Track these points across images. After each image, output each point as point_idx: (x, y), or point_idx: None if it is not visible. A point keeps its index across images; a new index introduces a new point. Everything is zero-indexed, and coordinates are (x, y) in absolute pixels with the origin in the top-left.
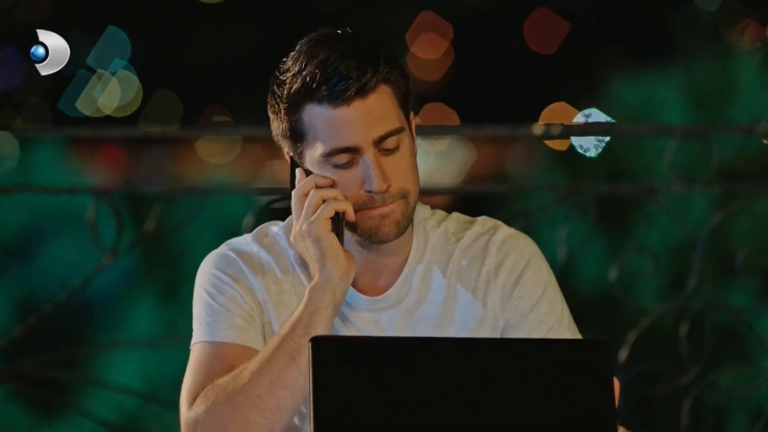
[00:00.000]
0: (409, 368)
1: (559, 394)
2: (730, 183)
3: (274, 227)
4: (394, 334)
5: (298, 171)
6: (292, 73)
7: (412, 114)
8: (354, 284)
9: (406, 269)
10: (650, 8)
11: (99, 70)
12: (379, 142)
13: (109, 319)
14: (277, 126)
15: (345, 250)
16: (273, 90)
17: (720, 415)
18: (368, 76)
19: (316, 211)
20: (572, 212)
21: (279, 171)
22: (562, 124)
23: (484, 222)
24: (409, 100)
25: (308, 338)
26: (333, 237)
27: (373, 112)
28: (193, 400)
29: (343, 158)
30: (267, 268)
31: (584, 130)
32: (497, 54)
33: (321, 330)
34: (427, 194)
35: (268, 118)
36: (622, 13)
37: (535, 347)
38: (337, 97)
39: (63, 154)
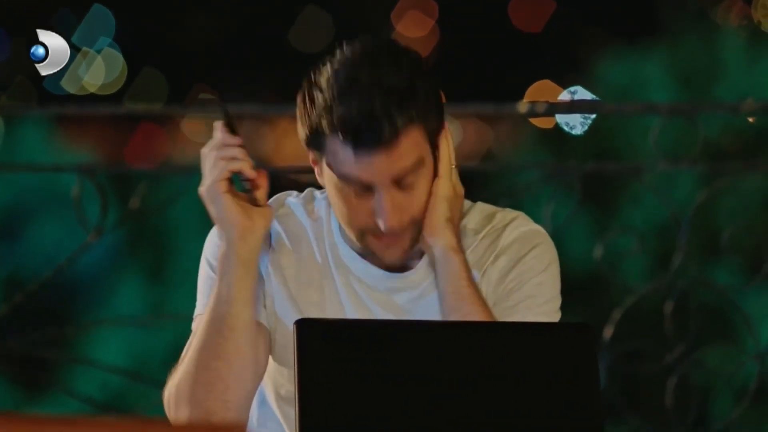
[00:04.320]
0: (394, 351)
1: (544, 377)
2: (716, 161)
3: (291, 197)
4: (406, 316)
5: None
6: (323, 100)
7: (445, 129)
8: (370, 261)
9: (425, 258)
10: None
11: (84, 48)
12: (398, 179)
13: (94, 298)
14: (300, 126)
15: (250, 210)
16: (304, 94)
17: (705, 393)
18: (398, 124)
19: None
20: (557, 190)
21: (264, 148)
22: (547, 102)
23: (504, 215)
24: (441, 129)
25: (231, 307)
26: (228, 198)
27: (394, 156)
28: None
29: (355, 189)
30: (276, 239)
31: (569, 108)
32: (483, 32)
33: (238, 294)
34: None
35: (253, 95)
36: None
37: (519, 330)
38: (362, 146)
39: (48, 132)
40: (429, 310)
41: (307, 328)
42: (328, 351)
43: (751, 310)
